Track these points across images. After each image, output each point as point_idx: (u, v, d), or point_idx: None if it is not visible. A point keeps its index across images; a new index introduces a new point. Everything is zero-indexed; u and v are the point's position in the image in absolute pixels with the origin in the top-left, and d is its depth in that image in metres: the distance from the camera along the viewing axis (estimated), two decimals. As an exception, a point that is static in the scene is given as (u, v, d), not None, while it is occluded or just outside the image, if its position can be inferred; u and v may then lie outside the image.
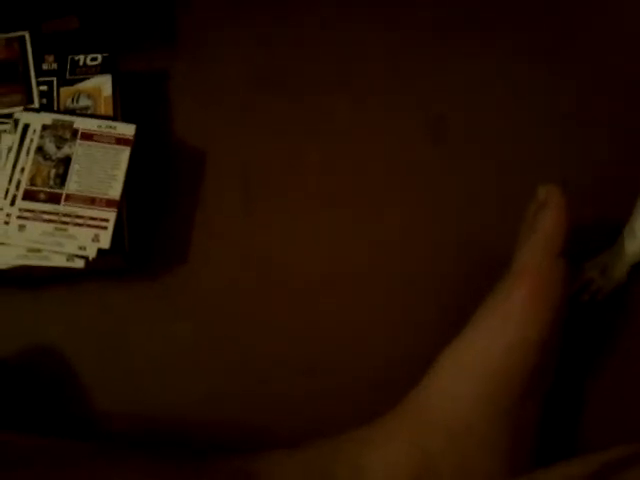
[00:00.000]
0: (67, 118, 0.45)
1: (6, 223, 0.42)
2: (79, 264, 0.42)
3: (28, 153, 0.44)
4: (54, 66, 0.47)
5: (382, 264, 0.46)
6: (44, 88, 0.47)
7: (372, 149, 0.49)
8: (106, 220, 0.42)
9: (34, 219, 0.42)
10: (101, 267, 0.43)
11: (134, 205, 0.45)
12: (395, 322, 0.44)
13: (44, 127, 0.44)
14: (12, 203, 0.43)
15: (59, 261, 0.42)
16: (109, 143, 0.44)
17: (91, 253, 0.42)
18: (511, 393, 0.36)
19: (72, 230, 0.42)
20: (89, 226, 0.42)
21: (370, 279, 0.46)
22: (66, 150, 0.44)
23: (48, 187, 0.43)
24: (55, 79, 0.47)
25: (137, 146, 0.45)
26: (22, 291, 0.44)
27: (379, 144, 0.49)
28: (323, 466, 0.35)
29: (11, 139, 0.44)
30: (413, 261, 0.46)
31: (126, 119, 0.46)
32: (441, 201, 0.48)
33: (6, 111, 0.46)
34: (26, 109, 0.45)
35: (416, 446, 0.36)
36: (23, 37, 0.48)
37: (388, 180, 0.49)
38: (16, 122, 0.45)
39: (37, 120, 0.45)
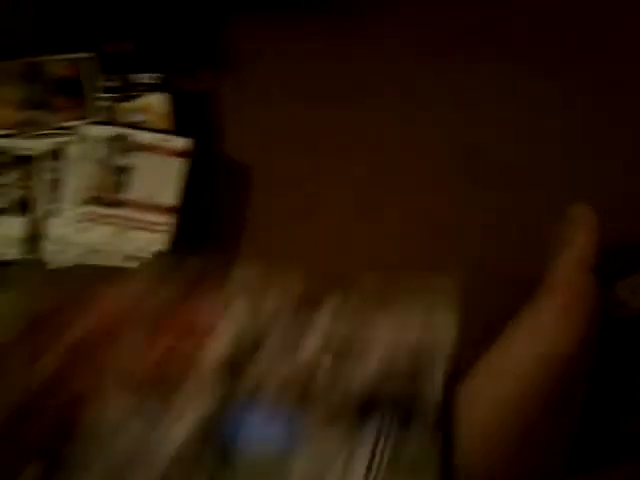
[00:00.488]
0: (127, 131, 0.49)
1: (71, 224, 0.46)
2: (135, 264, 0.45)
3: (91, 162, 0.48)
4: (116, 84, 0.51)
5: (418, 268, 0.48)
6: (105, 104, 0.51)
7: (410, 164, 0.52)
8: (162, 224, 0.46)
9: (96, 221, 0.46)
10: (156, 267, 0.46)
11: (187, 211, 0.49)
12: None
13: (106, 139, 0.48)
14: (77, 206, 0.46)
15: (117, 261, 0.45)
16: (165, 154, 0.48)
17: (147, 254, 0.45)
18: (540, 402, 0.37)
19: (131, 233, 0.45)
20: (146, 229, 0.46)
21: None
22: (126, 160, 0.48)
23: (109, 193, 0.47)
24: (115, 96, 0.51)
25: (191, 157, 0.48)
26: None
27: (419, 160, 0.53)
28: None
29: (77, 149, 0.48)
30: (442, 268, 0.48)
31: (179, 134, 0.50)
32: (471, 217, 0.50)
33: (72, 123, 0.49)
34: (90, 123, 0.49)
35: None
36: (87, 57, 0.52)
37: (419, 191, 0.52)
38: (81, 134, 0.49)
39: (100, 132, 0.48)
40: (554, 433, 0.38)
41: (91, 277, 0.45)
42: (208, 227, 0.50)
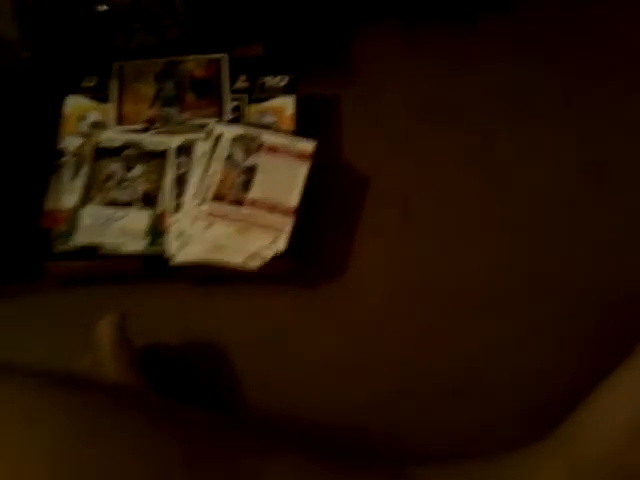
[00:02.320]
0: (255, 131, 0.49)
1: (195, 220, 0.46)
2: (255, 263, 0.45)
3: (219, 160, 0.48)
4: (245, 85, 0.52)
5: (534, 294, 0.47)
6: (235, 104, 0.51)
7: (527, 182, 0.50)
8: (283, 226, 0.45)
9: (220, 218, 0.46)
10: (270, 271, 0.46)
11: (305, 215, 0.48)
12: (547, 355, 0.45)
13: (234, 138, 0.49)
14: (201, 203, 0.47)
15: (237, 259, 0.45)
16: (290, 156, 0.48)
17: (267, 255, 0.45)
18: None
19: (252, 232, 0.45)
20: (268, 229, 0.45)
21: (521, 308, 0.46)
22: (252, 160, 0.48)
23: (234, 191, 0.47)
24: (246, 96, 0.52)
25: (314, 161, 0.48)
26: (196, 287, 0.47)
27: (536, 178, 0.51)
28: None
29: (205, 146, 0.49)
30: (559, 292, 0.46)
31: (303, 136, 0.49)
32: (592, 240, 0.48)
33: (202, 121, 0.50)
34: (219, 121, 0.50)
35: (576, 476, 0.36)
36: (221, 59, 0.53)
37: (546, 213, 0.49)
38: (210, 132, 0.49)
39: (229, 131, 0.49)
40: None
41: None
42: (322, 232, 0.49)
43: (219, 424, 0.35)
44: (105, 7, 0.53)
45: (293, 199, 0.46)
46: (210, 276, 0.47)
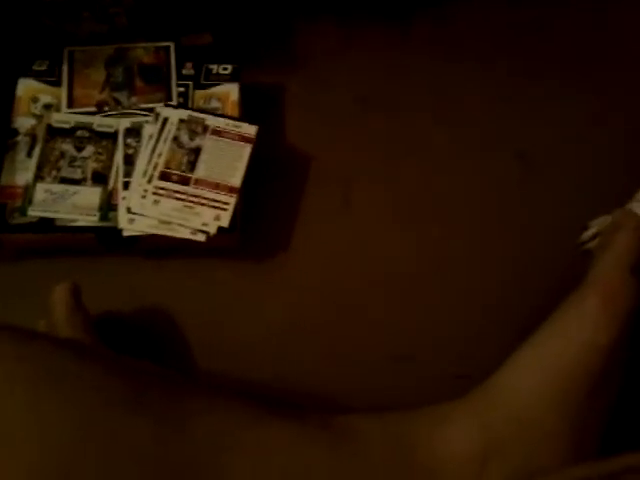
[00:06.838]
0: (200, 115, 0.52)
1: (143, 197, 0.49)
2: (201, 238, 0.48)
3: (165, 141, 0.51)
4: (192, 72, 0.55)
5: (464, 270, 0.51)
6: (182, 90, 0.55)
7: (462, 170, 0.55)
8: (227, 203, 0.49)
9: (166, 196, 0.49)
10: (216, 245, 0.49)
11: (248, 195, 0.52)
12: (476, 323, 0.49)
13: (180, 121, 0.52)
14: (149, 181, 0.50)
15: (184, 233, 0.48)
16: (234, 139, 0.51)
17: (212, 229, 0.48)
18: (579, 392, 0.39)
19: (197, 209, 0.49)
20: (212, 207, 0.49)
21: (453, 282, 0.51)
22: (197, 142, 0.51)
23: (180, 171, 0.50)
24: (191, 83, 0.55)
25: (257, 144, 0.52)
26: (147, 260, 0.51)
27: (468, 169, 0.55)
28: (403, 431, 0.39)
29: (152, 129, 0.52)
30: (492, 270, 0.51)
31: (247, 121, 0.53)
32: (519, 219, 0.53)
33: (150, 106, 0.53)
34: (166, 105, 0.53)
35: (488, 430, 0.39)
36: (169, 47, 0.56)
37: (474, 197, 0.54)
38: (157, 115, 0.52)
39: (175, 115, 0.52)
40: (590, 425, 0.40)
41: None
42: (266, 210, 0.53)
43: (159, 373, 0.38)
44: (54, -5, 0.55)
45: (236, 179, 0.50)
46: (160, 249, 0.50)
